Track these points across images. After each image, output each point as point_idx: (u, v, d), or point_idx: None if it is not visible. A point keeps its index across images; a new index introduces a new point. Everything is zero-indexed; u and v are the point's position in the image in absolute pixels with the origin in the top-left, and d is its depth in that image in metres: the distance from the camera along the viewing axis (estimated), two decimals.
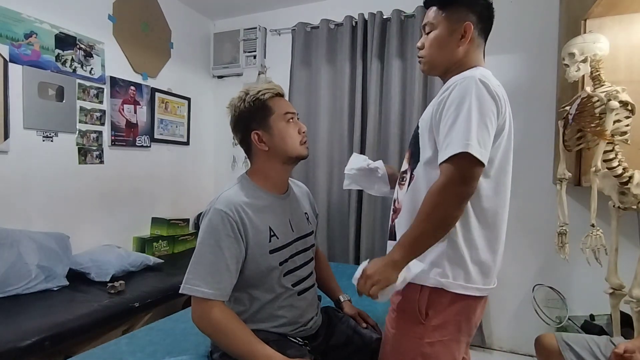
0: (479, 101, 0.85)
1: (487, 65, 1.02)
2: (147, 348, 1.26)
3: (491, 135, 0.87)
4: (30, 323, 1.51)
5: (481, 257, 0.94)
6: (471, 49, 1.00)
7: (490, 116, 0.86)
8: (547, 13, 2.29)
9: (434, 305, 0.94)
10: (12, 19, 1.93)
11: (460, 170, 0.83)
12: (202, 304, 0.97)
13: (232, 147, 3.22)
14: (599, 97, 1.49)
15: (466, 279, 0.93)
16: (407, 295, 0.96)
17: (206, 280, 0.97)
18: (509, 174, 0.97)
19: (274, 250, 1.06)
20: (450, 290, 0.92)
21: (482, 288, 0.95)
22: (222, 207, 1.01)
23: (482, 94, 0.86)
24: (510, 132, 0.97)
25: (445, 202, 0.85)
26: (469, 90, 0.86)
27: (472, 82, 0.87)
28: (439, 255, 0.93)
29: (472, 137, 0.82)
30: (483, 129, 0.85)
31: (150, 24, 2.72)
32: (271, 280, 1.06)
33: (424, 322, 0.94)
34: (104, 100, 2.39)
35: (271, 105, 1.09)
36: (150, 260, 2.30)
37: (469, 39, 0.98)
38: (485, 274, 0.96)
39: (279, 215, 1.10)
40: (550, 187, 2.26)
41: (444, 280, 0.92)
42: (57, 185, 2.15)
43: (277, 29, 3.03)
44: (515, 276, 2.40)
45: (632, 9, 1.74)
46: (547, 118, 2.29)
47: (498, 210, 0.96)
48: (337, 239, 2.72)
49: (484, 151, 0.84)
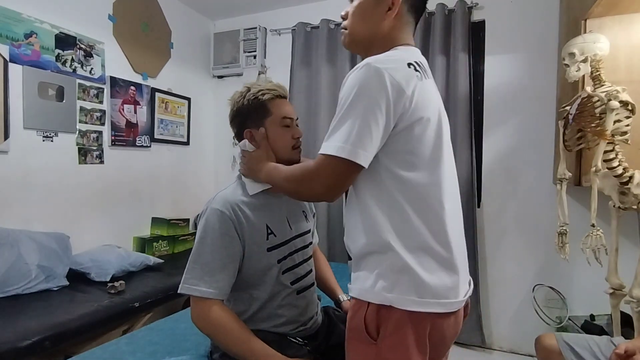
0: (366, 96, 0.76)
1: (488, 65, 1.00)
2: (147, 348, 1.26)
3: (377, 132, 0.76)
4: (30, 323, 1.51)
5: (432, 258, 0.79)
6: (398, 25, 0.89)
7: (378, 111, 0.76)
8: (547, 13, 2.29)
9: (385, 323, 0.78)
10: (12, 19, 1.93)
11: (330, 170, 0.78)
12: (200, 303, 0.97)
13: (232, 147, 3.22)
14: (599, 97, 1.49)
15: (419, 292, 0.77)
16: (356, 312, 0.82)
17: (204, 279, 0.97)
18: (445, 162, 0.84)
19: (271, 248, 1.05)
20: (400, 307, 0.77)
21: (445, 302, 0.79)
22: (219, 206, 1.01)
23: (370, 86, 0.76)
24: (436, 118, 0.84)
25: (304, 186, 0.85)
26: (357, 81, 0.78)
27: (363, 71, 0.78)
28: (382, 265, 0.80)
29: (348, 139, 0.76)
30: (364, 128, 0.76)
31: (150, 24, 2.72)
32: (270, 279, 1.06)
33: (376, 343, 0.79)
34: (104, 100, 2.39)
35: (270, 106, 1.08)
36: (151, 260, 2.30)
37: (396, 11, 0.87)
38: (443, 282, 0.79)
39: (276, 214, 1.09)
40: (551, 187, 2.26)
41: (390, 296, 0.77)
42: (57, 185, 2.15)
43: (277, 29, 3.03)
44: (515, 276, 2.40)
45: (632, 9, 1.74)
46: (547, 118, 2.29)
47: (438, 199, 0.82)
48: (337, 239, 2.71)
49: (361, 151, 0.75)
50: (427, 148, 0.81)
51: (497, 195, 2.47)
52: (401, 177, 0.80)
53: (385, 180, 0.81)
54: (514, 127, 2.42)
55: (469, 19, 2.42)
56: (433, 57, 2.47)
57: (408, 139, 0.80)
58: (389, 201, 0.80)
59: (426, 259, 0.79)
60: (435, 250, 0.80)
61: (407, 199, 0.80)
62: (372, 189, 0.82)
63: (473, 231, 2.38)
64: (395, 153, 0.80)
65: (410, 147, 0.80)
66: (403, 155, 0.80)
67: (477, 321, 2.39)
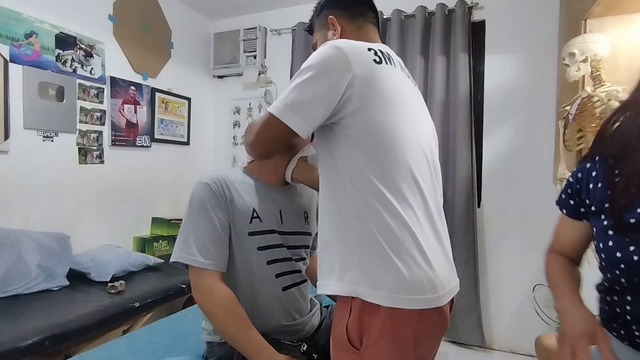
0: (317, 67, 0.78)
1: (488, 65, 1.02)
2: (148, 348, 1.26)
3: (320, 102, 0.77)
4: (30, 323, 1.51)
5: (401, 241, 0.74)
6: (352, 36, 0.93)
7: (325, 82, 0.77)
8: (547, 13, 2.29)
9: (367, 331, 0.75)
10: (13, 19, 1.93)
11: (268, 125, 0.82)
12: (202, 275, 0.95)
13: (232, 147, 3.22)
14: (599, 97, 1.49)
15: (393, 288, 0.73)
16: (339, 321, 0.79)
17: (200, 250, 0.95)
18: (396, 139, 0.79)
19: (253, 233, 1.02)
20: (374, 302, 0.73)
21: (425, 298, 0.74)
22: (207, 180, 1.01)
23: (325, 59, 0.79)
24: (388, 93, 0.80)
25: (246, 135, 0.95)
26: (314, 55, 0.81)
27: (322, 47, 0.81)
28: (347, 254, 0.78)
29: (288, 102, 0.78)
30: (307, 95, 0.77)
31: (151, 24, 2.72)
32: (252, 267, 1.02)
33: (359, 352, 0.75)
34: (104, 100, 2.39)
35: None
36: (151, 260, 2.30)
37: (338, 27, 0.97)
38: (419, 276, 0.74)
39: (268, 203, 1.07)
40: (551, 187, 2.26)
41: (359, 288, 0.74)
42: (57, 185, 2.15)
43: (277, 29, 3.03)
44: (515, 276, 2.40)
45: (632, 9, 1.73)
46: (548, 118, 2.29)
47: (392, 176, 0.77)
48: None
49: (298, 119, 0.77)
50: (387, 133, 0.78)
51: (497, 195, 2.47)
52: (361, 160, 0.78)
53: (345, 165, 0.80)
54: (514, 127, 2.42)
55: (469, 19, 2.43)
56: (433, 57, 2.48)
57: (364, 120, 0.78)
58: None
59: (387, 237, 0.75)
60: (397, 225, 0.75)
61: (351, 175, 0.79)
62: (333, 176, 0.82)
63: (473, 231, 2.38)
64: (354, 136, 0.79)
65: (367, 130, 0.78)
66: (361, 139, 0.78)
67: (477, 321, 2.39)
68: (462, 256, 2.36)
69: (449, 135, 2.44)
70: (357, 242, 0.77)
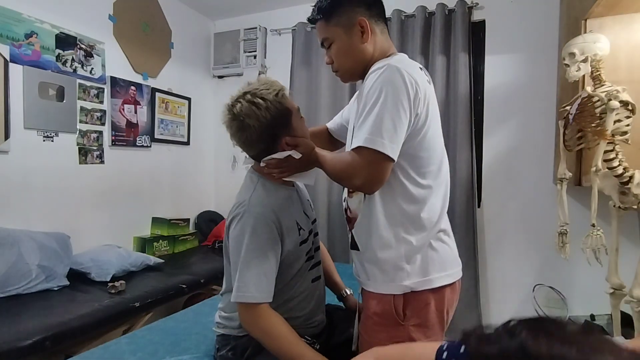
0: (390, 93, 0.84)
1: (488, 65, 1.03)
2: (148, 348, 1.26)
3: (403, 127, 0.85)
4: (30, 323, 1.51)
5: (436, 239, 0.96)
6: (377, 39, 0.97)
7: (404, 106, 0.84)
8: (547, 13, 2.29)
9: (410, 305, 0.93)
10: (13, 19, 1.93)
11: (365, 164, 0.85)
12: (250, 309, 0.97)
13: (232, 147, 3.19)
14: (599, 97, 1.48)
15: (424, 271, 0.93)
16: (382, 298, 0.95)
17: (256, 285, 0.96)
18: (438, 157, 0.98)
19: (302, 242, 1.07)
20: (419, 289, 0.92)
21: (453, 273, 0.98)
22: (260, 210, 0.99)
23: (395, 84, 0.84)
24: (435, 117, 0.96)
25: (345, 182, 0.97)
26: (381, 80, 0.85)
27: (386, 71, 0.85)
28: (394, 259, 0.93)
29: (382, 133, 0.83)
30: (396, 121, 0.84)
31: (151, 24, 2.72)
32: (298, 271, 1.07)
33: (403, 323, 0.93)
34: (104, 100, 2.39)
35: (287, 104, 1.03)
36: (151, 260, 2.30)
37: (369, 32, 0.95)
38: (449, 254, 0.99)
39: (297, 207, 1.10)
40: (551, 187, 2.26)
41: (409, 283, 0.93)
42: (57, 185, 2.15)
43: (277, 29, 3.03)
44: (515, 276, 2.40)
45: (632, 9, 1.74)
46: (548, 118, 2.29)
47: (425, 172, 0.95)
48: (337, 239, 2.71)
49: (394, 146, 0.84)
50: (436, 150, 0.95)
51: (497, 195, 2.47)
52: (414, 180, 0.93)
53: (398, 183, 0.92)
54: (514, 127, 2.42)
55: (469, 19, 2.43)
56: (433, 57, 2.48)
57: (422, 141, 0.90)
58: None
59: (434, 238, 0.95)
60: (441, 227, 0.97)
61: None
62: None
63: (473, 231, 2.38)
64: (407, 149, 0.89)
65: (422, 145, 0.91)
66: (413, 152, 0.91)
67: (477, 321, 2.39)
68: (462, 256, 2.31)
69: (449, 135, 2.44)
70: (405, 245, 0.94)
